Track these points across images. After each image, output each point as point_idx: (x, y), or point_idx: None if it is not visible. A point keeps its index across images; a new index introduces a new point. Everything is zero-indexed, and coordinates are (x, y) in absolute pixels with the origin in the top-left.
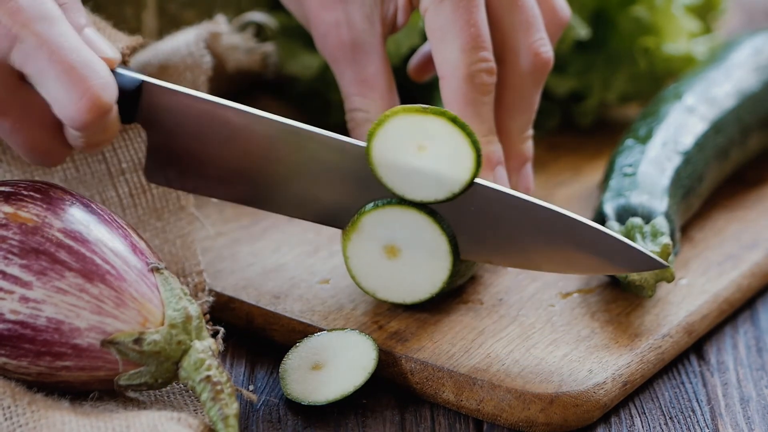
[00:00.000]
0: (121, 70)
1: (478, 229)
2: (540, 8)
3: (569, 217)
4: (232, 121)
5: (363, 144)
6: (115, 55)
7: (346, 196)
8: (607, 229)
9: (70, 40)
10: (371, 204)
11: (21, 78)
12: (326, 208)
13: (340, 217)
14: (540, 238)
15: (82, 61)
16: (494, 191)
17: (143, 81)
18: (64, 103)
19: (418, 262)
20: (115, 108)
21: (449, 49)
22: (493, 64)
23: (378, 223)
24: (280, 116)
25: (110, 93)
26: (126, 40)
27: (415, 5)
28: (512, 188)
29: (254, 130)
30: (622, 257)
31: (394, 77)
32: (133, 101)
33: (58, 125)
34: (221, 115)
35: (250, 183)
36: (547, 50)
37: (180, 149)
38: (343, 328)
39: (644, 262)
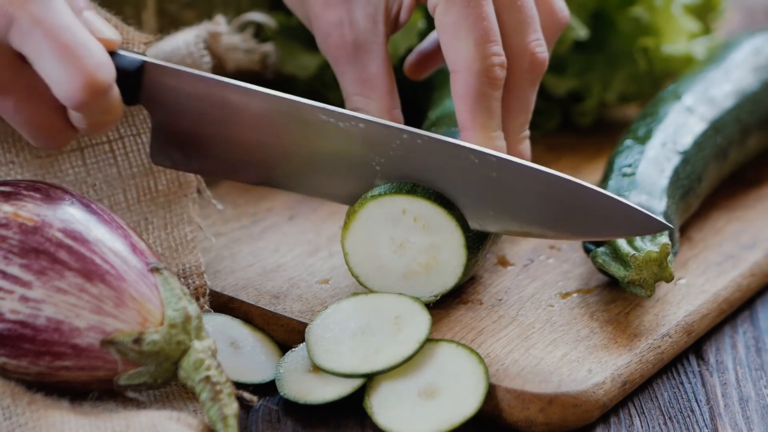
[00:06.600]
0: (122, 52)
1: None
2: (539, 9)
3: (570, 181)
4: (232, 99)
5: (365, 117)
6: (115, 36)
7: (352, 171)
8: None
9: (65, 20)
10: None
11: (22, 58)
12: (333, 184)
13: (346, 194)
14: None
15: (77, 40)
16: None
17: (144, 61)
18: (60, 83)
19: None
20: (114, 88)
21: (463, 45)
22: (504, 58)
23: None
24: (281, 92)
25: (105, 72)
26: (140, 37)
27: (421, 1)
28: None
29: (253, 107)
30: (625, 220)
31: (395, 77)
32: (135, 82)
33: (61, 106)
34: (221, 93)
35: (255, 161)
36: (543, 51)
37: (183, 129)
38: None
39: (647, 224)
